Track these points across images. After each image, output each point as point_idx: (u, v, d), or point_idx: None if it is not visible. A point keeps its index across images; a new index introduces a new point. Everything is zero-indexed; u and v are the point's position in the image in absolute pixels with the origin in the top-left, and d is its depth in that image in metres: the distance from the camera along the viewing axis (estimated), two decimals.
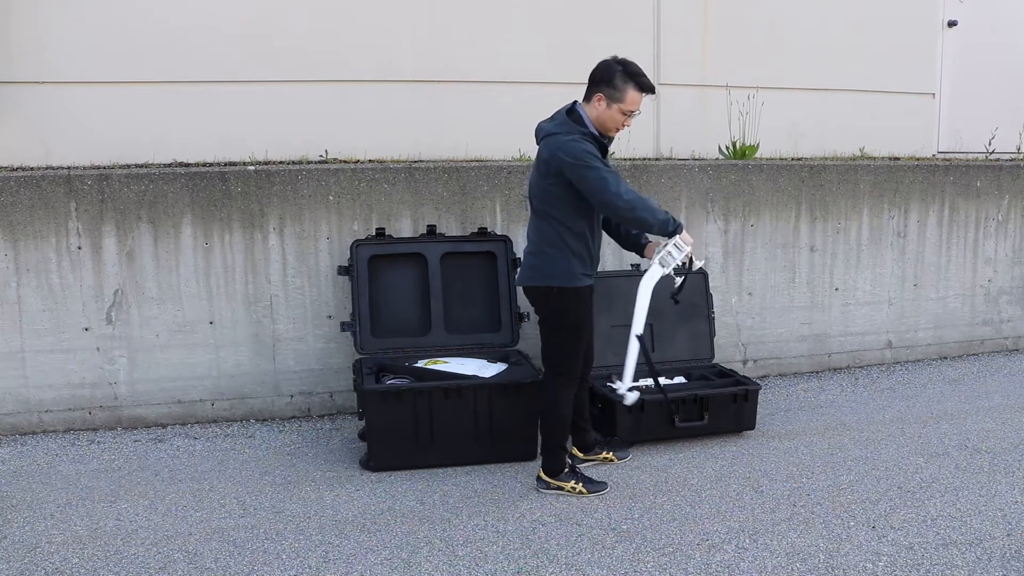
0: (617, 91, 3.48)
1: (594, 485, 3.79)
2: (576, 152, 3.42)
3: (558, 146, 3.46)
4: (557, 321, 3.66)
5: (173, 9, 5.16)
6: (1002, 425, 4.66)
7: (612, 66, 3.51)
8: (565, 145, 3.45)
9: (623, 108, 3.51)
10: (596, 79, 3.53)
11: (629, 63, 3.52)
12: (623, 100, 3.49)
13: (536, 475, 3.85)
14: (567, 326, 3.65)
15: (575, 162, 3.42)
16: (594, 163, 3.42)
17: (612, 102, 3.50)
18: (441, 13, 5.61)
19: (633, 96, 3.50)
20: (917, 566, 3.14)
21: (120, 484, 3.93)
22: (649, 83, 3.52)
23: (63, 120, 5.11)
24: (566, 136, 3.46)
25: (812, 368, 5.70)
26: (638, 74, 3.49)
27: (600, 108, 3.52)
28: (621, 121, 3.55)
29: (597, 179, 3.42)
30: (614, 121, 3.54)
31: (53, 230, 4.48)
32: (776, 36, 6.29)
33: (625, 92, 3.48)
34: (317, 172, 4.75)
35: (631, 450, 4.24)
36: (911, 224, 5.83)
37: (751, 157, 5.86)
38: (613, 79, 3.48)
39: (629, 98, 3.50)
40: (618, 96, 3.49)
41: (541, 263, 3.61)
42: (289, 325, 4.77)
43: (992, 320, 6.17)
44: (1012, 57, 7.15)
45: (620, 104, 3.50)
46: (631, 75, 3.48)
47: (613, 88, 3.48)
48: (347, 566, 3.17)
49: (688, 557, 3.22)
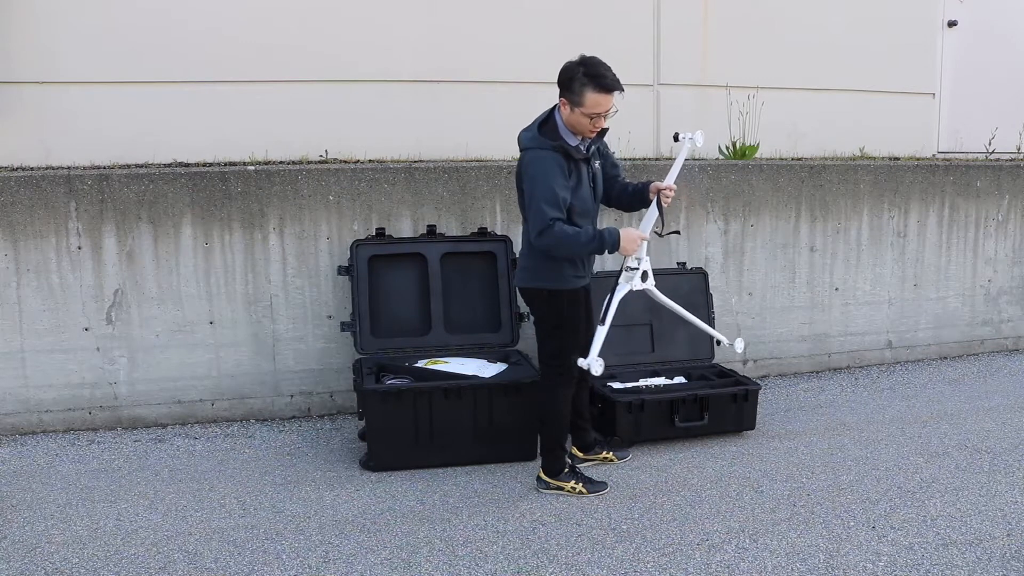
0: (576, 95, 3.30)
1: (594, 485, 3.79)
2: (531, 174, 3.37)
3: (521, 164, 3.46)
4: (550, 321, 3.66)
5: (173, 9, 5.16)
6: (1002, 425, 4.66)
7: (573, 68, 3.31)
8: (524, 165, 3.43)
9: (585, 112, 3.32)
10: (559, 82, 3.37)
11: (591, 62, 3.30)
12: (582, 104, 3.31)
13: (536, 475, 3.84)
14: (560, 326, 3.64)
15: (527, 185, 3.39)
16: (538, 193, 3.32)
17: (574, 107, 3.32)
18: (441, 13, 5.61)
19: (594, 99, 3.29)
20: (917, 566, 3.14)
21: (120, 484, 3.93)
22: (611, 82, 3.28)
23: (63, 120, 5.10)
24: (531, 153, 3.41)
25: (812, 368, 5.70)
26: (598, 75, 3.27)
27: (565, 113, 3.38)
28: (588, 124, 3.37)
29: (530, 213, 3.39)
30: (583, 124, 3.37)
31: (53, 230, 4.48)
32: (776, 36, 6.29)
33: (584, 95, 3.29)
34: (317, 172, 4.75)
35: (631, 450, 4.24)
36: (911, 224, 5.83)
37: (751, 157, 5.86)
38: (572, 82, 3.30)
39: (589, 101, 3.29)
40: (578, 100, 3.30)
41: (533, 264, 3.61)
42: (289, 325, 4.77)
43: (992, 320, 6.17)
44: (1012, 57, 7.14)
45: (581, 108, 3.31)
46: (591, 76, 3.27)
47: (572, 92, 3.31)
48: (347, 566, 3.17)
49: (688, 557, 3.22)
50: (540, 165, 3.36)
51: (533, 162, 3.38)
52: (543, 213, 3.33)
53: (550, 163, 3.36)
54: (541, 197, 3.33)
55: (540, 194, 3.33)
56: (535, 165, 3.37)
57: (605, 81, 3.28)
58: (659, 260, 5.22)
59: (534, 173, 3.36)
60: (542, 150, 3.38)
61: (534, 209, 3.35)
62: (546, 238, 3.35)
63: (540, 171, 3.35)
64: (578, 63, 3.33)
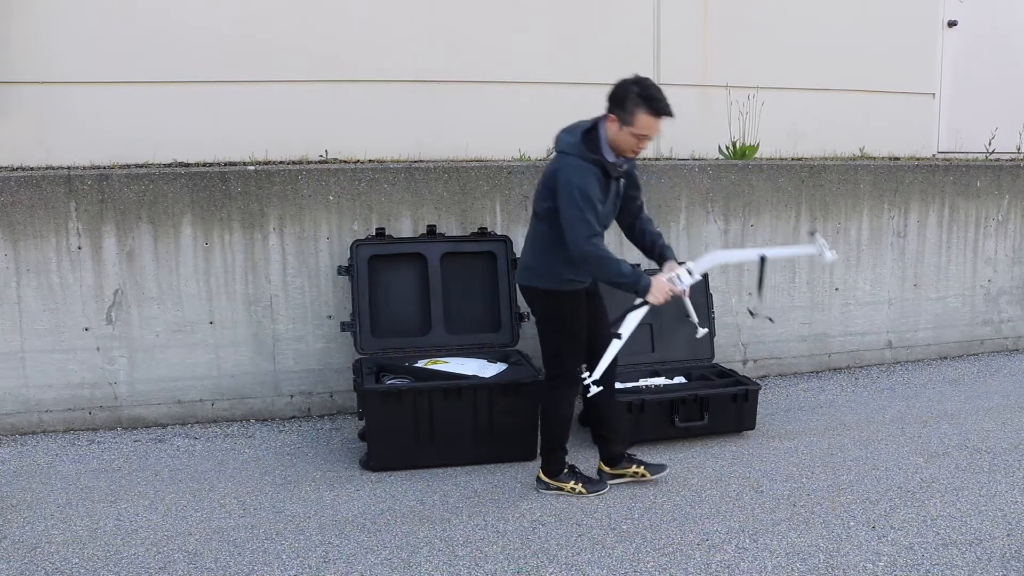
0: (628, 114, 3.32)
1: (594, 485, 3.78)
2: (571, 182, 3.35)
3: (561, 167, 3.41)
4: (550, 323, 3.66)
5: (173, 9, 5.16)
6: (1002, 425, 4.66)
7: (627, 86, 3.33)
8: (566, 170, 3.39)
9: (634, 132, 3.35)
10: (611, 98, 3.38)
11: (646, 84, 3.33)
12: (633, 124, 3.33)
13: (536, 476, 3.84)
14: (560, 328, 3.64)
15: (565, 191, 3.36)
16: (582, 202, 3.33)
17: (624, 125, 3.34)
18: (441, 13, 5.61)
19: (645, 120, 3.31)
20: (917, 566, 3.14)
21: (120, 484, 3.93)
22: (665, 107, 3.31)
23: (63, 120, 5.11)
24: (572, 160, 3.39)
25: (812, 368, 5.70)
26: (653, 98, 3.30)
27: (612, 129, 3.39)
28: (635, 144, 3.39)
29: (574, 219, 3.35)
30: (627, 143, 3.39)
31: (53, 230, 4.48)
32: (776, 36, 6.29)
33: (636, 116, 3.31)
34: (317, 172, 4.75)
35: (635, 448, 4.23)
36: (911, 224, 5.83)
37: (751, 157, 5.86)
38: (625, 101, 3.32)
39: (640, 122, 3.32)
40: (628, 119, 3.33)
41: (533, 264, 3.61)
42: (289, 325, 4.77)
43: (992, 320, 6.17)
44: (1012, 57, 7.14)
45: (631, 128, 3.34)
46: (645, 98, 3.29)
47: (623, 110, 3.33)
48: (347, 566, 3.17)
49: (688, 557, 3.22)
50: (583, 176, 3.36)
51: (577, 171, 3.37)
52: (588, 224, 3.35)
53: (591, 176, 3.37)
54: (586, 207, 3.35)
55: (584, 204, 3.35)
56: (579, 175, 3.36)
57: (659, 105, 3.31)
58: None
59: (579, 183, 3.35)
60: (584, 160, 3.38)
61: (577, 217, 3.35)
62: (588, 248, 3.36)
63: (584, 181, 3.35)
64: (633, 82, 3.34)
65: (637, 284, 3.43)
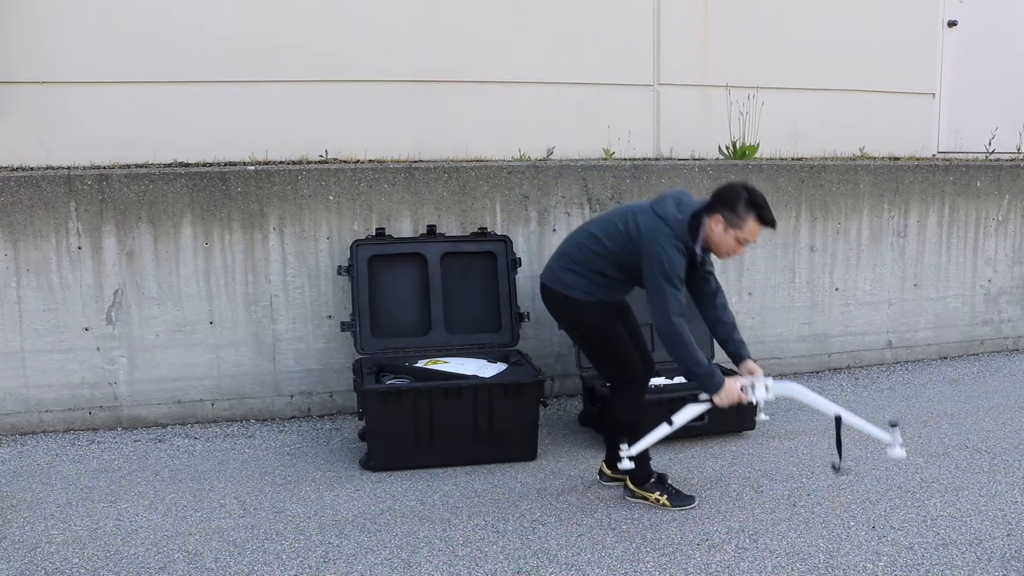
0: (738, 218, 3.36)
1: (680, 499, 3.66)
2: (666, 259, 3.34)
3: (658, 238, 3.37)
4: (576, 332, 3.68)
5: (173, 9, 5.16)
6: (1002, 425, 4.66)
7: (738, 192, 3.38)
8: (664, 244, 3.36)
9: (739, 236, 3.38)
10: (719, 199, 3.39)
11: (755, 192, 3.39)
12: (742, 228, 3.37)
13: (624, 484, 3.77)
14: (587, 333, 3.64)
15: (658, 265, 3.35)
16: (675, 281, 3.34)
17: (730, 227, 3.37)
18: (441, 13, 5.61)
19: (752, 227, 3.37)
20: (917, 566, 3.14)
21: (120, 484, 3.93)
22: (771, 217, 3.39)
23: (63, 120, 5.11)
24: (672, 239, 3.37)
25: (812, 368, 5.70)
26: (762, 206, 3.37)
27: (716, 230, 3.39)
28: (734, 247, 3.42)
29: (664, 295, 3.34)
30: (727, 245, 3.42)
31: (53, 230, 4.48)
32: (776, 36, 6.29)
33: (746, 221, 3.36)
34: (317, 172, 4.76)
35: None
36: (911, 224, 5.83)
37: (751, 157, 5.86)
38: (736, 205, 3.36)
39: (748, 228, 3.37)
40: (738, 223, 3.36)
41: (566, 272, 3.60)
42: (289, 325, 4.77)
43: (992, 320, 6.17)
44: (1012, 57, 7.14)
45: (738, 231, 3.37)
46: (755, 206, 3.35)
47: (735, 214, 3.36)
48: (347, 566, 3.17)
49: (688, 557, 3.22)
50: (677, 256, 3.37)
51: (673, 250, 3.37)
52: (678, 302, 3.36)
53: (683, 257, 3.40)
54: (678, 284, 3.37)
55: (677, 282, 3.36)
56: (674, 254, 3.37)
57: (768, 214, 3.38)
58: None
59: (672, 261, 3.35)
60: (679, 243, 3.38)
61: (668, 294, 3.34)
62: (674, 327, 3.35)
63: (677, 262, 3.37)
64: (744, 188, 3.38)
65: (710, 381, 3.40)
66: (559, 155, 5.72)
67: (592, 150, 5.86)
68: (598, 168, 5.15)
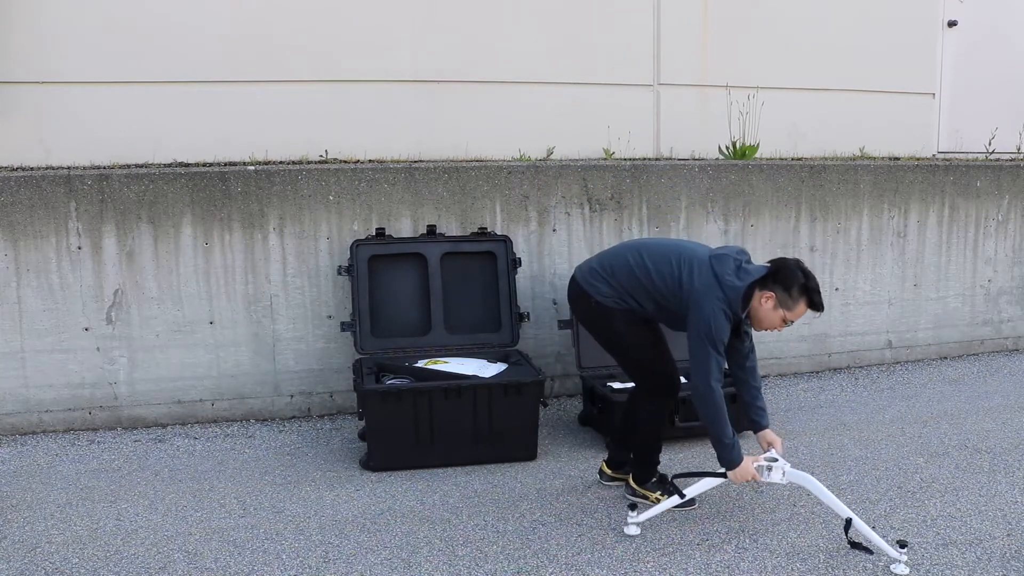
0: (791, 300, 3.36)
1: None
2: (713, 323, 3.33)
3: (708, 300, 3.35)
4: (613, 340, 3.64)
5: (172, 9, 5.16)
6: (1002, 425, 4.66)
7: (795, 274, 3.37)
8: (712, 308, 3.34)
9: (787, 316, 3.40)
10: (775, 277, 3.38)
11: (811, 277, 3.38)
12: (792, 309, 3.37)
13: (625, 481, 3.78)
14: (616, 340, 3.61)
15: (704, 328, 3.33)
16: (719, 345, 3.33)
17: (780, 306, 3.38)
18: (441, 13, 5.61)
19: (802, 310, 3.39)
20: (917, 566, 3.14)
21: (120, 484, 3.93)
22: (821, 303, 3.39)
23: (63, 120, 5.11)
24: (721, 304, 3.34)
25: (812, 368, 5.70)
26: (816, 292, 3.37)
27: (766, 306, 3.38)
28: (779, 325, 3.44)
29: (706, 358, 3.33)
30: (771, 322, 3.43)
31: (53, 230, 4.48)
32: (776, 36, 6.29)
33: (798, 304, 3.36)
34: (317, 172, 4.76)
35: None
36: (911, 224, 5.83)
37: (751, 157, 5.86)
38: (792, 287, 3.35)
39: (798, 310, 3.39)
40: (789, 304, 3.37)
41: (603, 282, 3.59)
42: (289, 325, 4.77)
43: (992, 320, 6.17)
44: (1012, 57, 7.15)
45: (787, 312, 3.38)
46: (810, 291, 3.36)
47: (788, 295, 3.36)
48: (347, 566, 3.17)
49: (688, 557, 3.22)
50: (723, 323, 3.36)
51: (721, 316, 3.35)
52: (719, 365, 3.35)
53: (728, 325, 3.38)
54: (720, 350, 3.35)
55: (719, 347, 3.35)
56: (720, 320, 3.35)
57: (820, 300, 3.38)
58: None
59: (718, 326, 3.34)
60: (729, 310, 3.36)
61: (710, 357, 3.34)
62: (712, 391, 3.34)
63: (722, 328, 3.36)
64: (800, 270, 3.38)
65: (730, 454, 3.37)
66: (559, 155, 5.72)
67: (592, 150, 5.86)
68: (598, 168, 5.15)
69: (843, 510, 3.29)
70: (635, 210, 5.19)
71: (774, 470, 3.40)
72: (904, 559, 3.12)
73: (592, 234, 5.12)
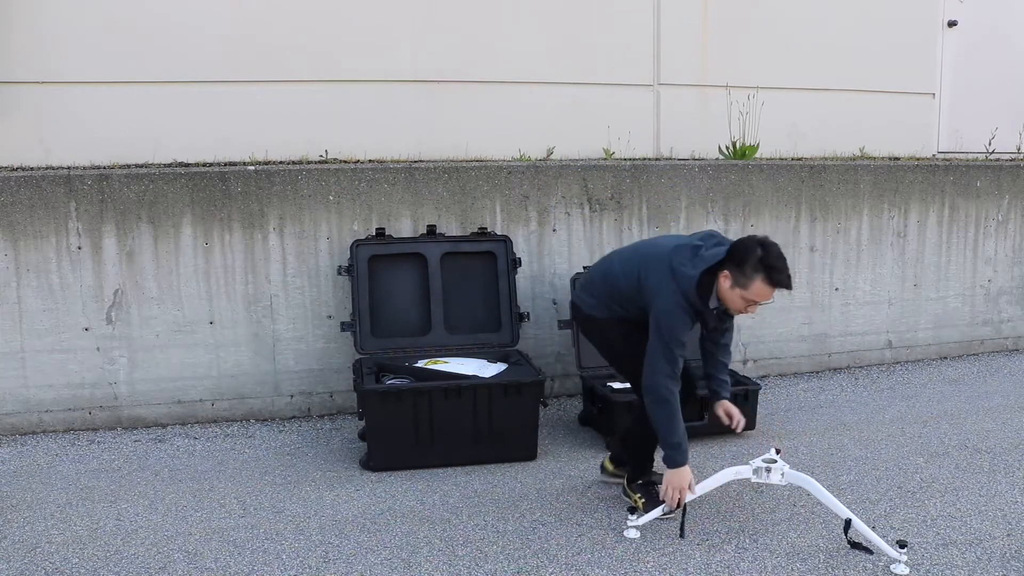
0: (744, 276, 3.11)
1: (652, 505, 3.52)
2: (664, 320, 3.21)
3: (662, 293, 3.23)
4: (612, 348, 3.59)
5: (172, 9, 5.16)
6: (1002, 425, 4.66)
7: (751, 247, 3.12)
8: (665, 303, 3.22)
9: (745, 296, 3.15)
10: (731, 254, 3.17)
11: (771, 250, 3.11)
12: (747, 288, 3.12)
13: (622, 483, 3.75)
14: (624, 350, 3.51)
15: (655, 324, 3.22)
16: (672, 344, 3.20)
17: (736, 285, 3.14)
18: (441, 13, 5.61)
19: (760, 289, 3.11)
20: (917, 566, 3.14)
21: (120, 484, 3.93)
22: (785, 279, 3.09)
23: (63, 120, 5.11)
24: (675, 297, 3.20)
25: (812, 368, 5.70)
26: (774, 268, 3.08)
27: (724, 286, 3.18)
28: (742, 307, 3.20)
29: (657, 355, 3.22)
30: (734, 303, 3.20)
31: (53, 230, 4.48)
32: (776, 36, 6.29)
33: (752, 281, 3.10)
34: (317, 172, 4.76)
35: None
36: (911, 224, 5.83)
37: (751, 157, 5.86)
38: (745, 264, 3.11)
39: (754, 289, 3.11)
40: (743, 283, 3.12)
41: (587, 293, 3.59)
42: (289, 325, 4.77)
43: (992, 320, 6.17)
44: (1012, 57, 7.14)
45: (743, 290, 3.14)
46: (767, 267, 3.08)
47: (741, 273, 3.11)
48: (347, 566, 3.17)
49: (688, 557, 3.22)
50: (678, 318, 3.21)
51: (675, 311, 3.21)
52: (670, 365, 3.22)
53: (686, 317, 3.23)
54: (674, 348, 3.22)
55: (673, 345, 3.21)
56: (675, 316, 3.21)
57: (779, 277, 3.10)
58: None
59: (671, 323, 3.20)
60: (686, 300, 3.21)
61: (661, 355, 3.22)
62: (661, 389, 3.23)
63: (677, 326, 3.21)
64: (759, 244, 3.13)
65: (675, 455, 3.28)
66: (559, 155, 5.72)
67: (592, 150, 5.86)
68: (598, 168, 5.15)
69: (843, 511, 3.29)
70: (635, 210, 5.19)
71: (773, 471, 3.41)
72: (904, 559, 3.12)
73: (592, 234, 5.13)
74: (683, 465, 3.32)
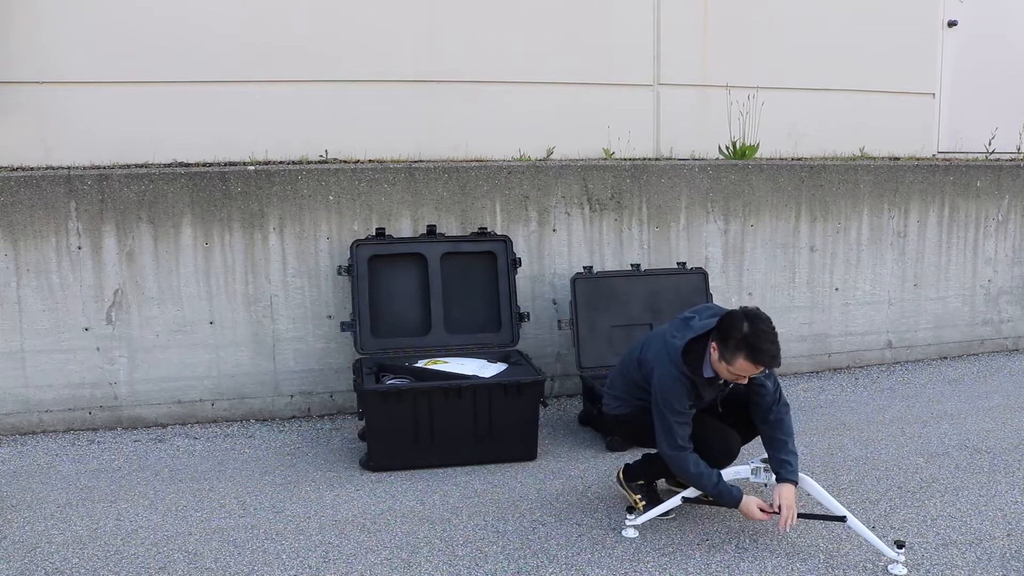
0: (727, 351, 3.11)
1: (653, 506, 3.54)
2: (659, 393, 3.25)
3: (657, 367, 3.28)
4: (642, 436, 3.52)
5: (172, 9, 5.16)
6: (1002, 425, 4.66)
7: (738, 323, 3.09)
8: (659, 375, 3.26)
9: (730, 370, 3.14)
10: (719, 326, 3.17)
11: (759, 326, 3.07)
12: (730, 363, 3.11)
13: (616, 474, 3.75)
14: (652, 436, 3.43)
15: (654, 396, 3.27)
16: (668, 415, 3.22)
17: (722, 359, 3.14)
18: (441, 13, 5.61)
19: (743, 365, 3.09)
20: (917, 566, 3.14)
21: (120, 484, 3.93)
22: (768, 358, 3.06)
23: (63, 120, 5.11)
24: (667, 368, 3.23)
25: (812, 368, 5.70)
26: (756, 349, 3.04)
27: (713, 357, 3.19)
28: (731, 378, 3.20)
29: (660, 427, 3.27)
30: (722, 373, 3.20)
31: (53, 230, 4.48)
32: (776, 36, 6.29)
33: (735, 357, 3.09)
34: (317, 172, 4.76)
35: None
36: (911, 224, 5.83)
37: (751, 157, 5.86)
38: (728, 339, 3.10)
39: (738, 365, 3.10)
40: (727, 357, 3.12)
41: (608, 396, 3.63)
42: (289, 325, 4.77)
43: (992, 320, 6.17)
44: (1012, 57, 7.14)
45: (728, 365, 3.13)
46: (749, 348, 3.05)
47: (725, 347, 3.11)
48: (347, 566, 3.17)
49: (688, 557, 3.22)
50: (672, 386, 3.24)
51: (667, 381, 3.24)
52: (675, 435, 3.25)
53: (680, 386, 3.24)
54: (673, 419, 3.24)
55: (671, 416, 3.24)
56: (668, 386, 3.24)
57: (762, 357, 3.08)
58: (660, 260, 5.23)
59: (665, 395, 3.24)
60: (677, 370, 3.23)
61: (663, 427, 3.26)
62: (674, 458, 3.28)
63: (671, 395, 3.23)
64: (745, 319, 3.10)
65: (724, 500, 3.28)
66: (559, 155, 5.72)
67: (592, 150, 5.86)
68: (598, 168, 5.15)
69: (838, 508, 3.29)
70: (635, 210, 5.19)
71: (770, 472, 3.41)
72: (902, 559, 3.12)
73: (592, 234, 5.13)
74: (739, 501, 3.28)
